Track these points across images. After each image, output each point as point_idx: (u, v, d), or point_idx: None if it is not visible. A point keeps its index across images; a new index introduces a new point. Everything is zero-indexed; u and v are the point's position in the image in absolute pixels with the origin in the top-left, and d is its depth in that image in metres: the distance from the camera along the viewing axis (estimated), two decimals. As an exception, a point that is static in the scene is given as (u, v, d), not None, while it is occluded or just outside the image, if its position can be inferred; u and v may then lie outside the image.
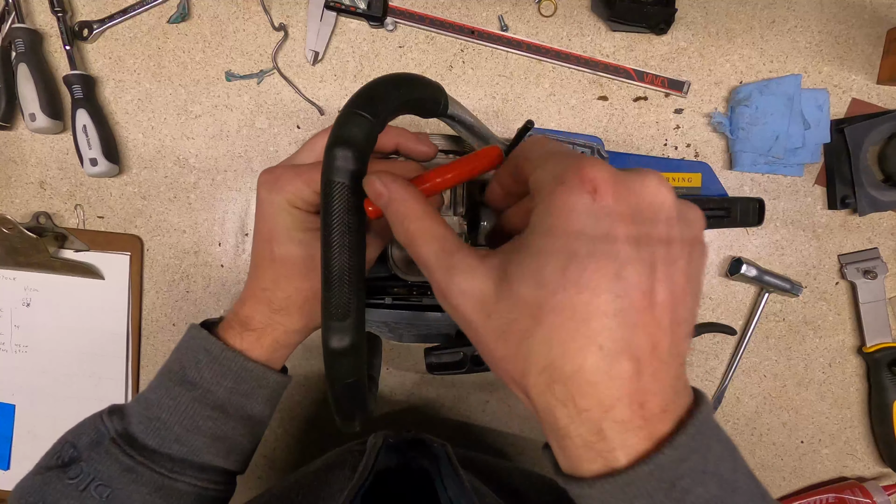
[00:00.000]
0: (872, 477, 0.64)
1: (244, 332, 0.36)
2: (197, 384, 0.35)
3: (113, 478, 0.34)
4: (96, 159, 0.56)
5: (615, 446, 0.21)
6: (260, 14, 0.58)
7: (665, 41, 0.58)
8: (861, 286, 0.60)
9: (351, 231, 0.27)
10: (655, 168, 0.64)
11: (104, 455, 0.35)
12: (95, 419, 0.37)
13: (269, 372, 0.37)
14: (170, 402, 0.35)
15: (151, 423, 0.35)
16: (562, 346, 0.21)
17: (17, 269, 0.61)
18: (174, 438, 0.35)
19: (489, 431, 0.64)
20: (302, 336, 0.38)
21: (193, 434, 0.35)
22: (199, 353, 0.36)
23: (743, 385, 0.63)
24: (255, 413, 0.38)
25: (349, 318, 0.27)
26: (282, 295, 0.35)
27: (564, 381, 0.21)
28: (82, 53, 0.58)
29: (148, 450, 0.35)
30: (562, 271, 0.20)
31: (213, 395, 0.36)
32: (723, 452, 0.23)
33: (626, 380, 0.21)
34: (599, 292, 0.20)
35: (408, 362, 0.63)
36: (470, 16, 0.58)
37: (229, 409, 0.36)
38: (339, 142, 0.27)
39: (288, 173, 0.34)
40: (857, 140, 0.57)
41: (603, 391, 0.21)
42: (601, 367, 0.20)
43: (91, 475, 0.34)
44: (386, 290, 0.45)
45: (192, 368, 0.36)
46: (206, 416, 0.35)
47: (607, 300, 0.20)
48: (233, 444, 0.37)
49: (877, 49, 0.58)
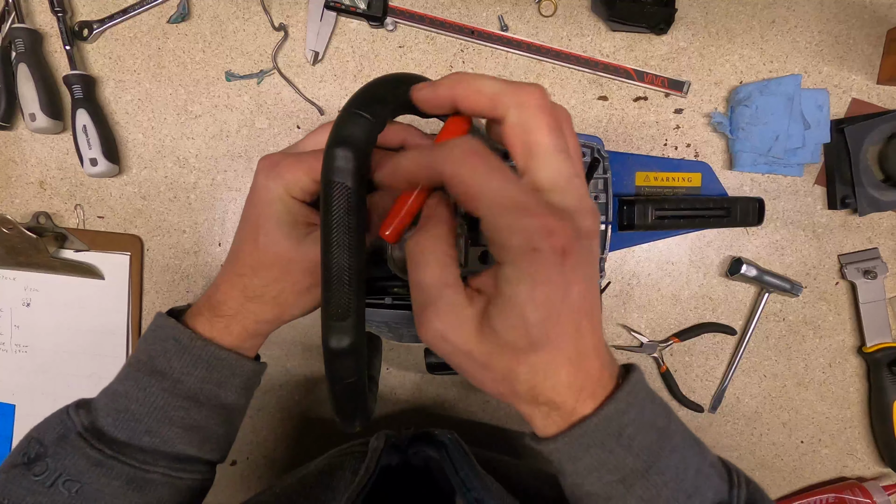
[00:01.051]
0: (872, 477, 0.64)
1: (213, 318, 0.36)
2: (167, 374, 0.35)
3: (82, 472, 0.33)
4: (96, 159, 0.56)
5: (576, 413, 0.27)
6: (260, 14, 0.58)
7: (665, 41, 0.58)
8: (861, 286, 0.60)
9: (351, 231, 0.27)
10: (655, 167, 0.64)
11: (71, 450, 0.34)
12: (61, 414, 0.36)
13: (243, 360, 0.36)
14: (139, 394, 0.35)
15: (120, 415, 0.35)
16: (543, 372, 0.25)
17: (17, 269, 0.61)
18: (145, 430, 0.34)
19: (489, 431, 0.64)
20: (272, 327, 0.37)
21: (165, 425, 0.35)
22: (167, 343, 0.35)
23: (743, 385, 0.63)
24: (230, 402, 0.37)
25: (349, 318, 0.27)
26: (259, 283, 0.34)
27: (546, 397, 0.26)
28: (82, 53, 0.58)
29: (118, 442, 0.34)
30: (543, 321, 0.24)
31: (184, 385, 0.35)
32: (656, 408, 0.28)
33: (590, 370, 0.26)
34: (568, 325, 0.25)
35: (408, 362, 0.63)
36: (470, 16, 0.58)
37: (202, 398, 0.35)
38: (339, 142, 0.27)
39: (288, 160, 0.33)
40: (857, 140, 0.57)
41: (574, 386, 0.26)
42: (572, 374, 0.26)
43: (58, 471, 0.33)
44: (386, 290, 0.44)
45: (160, 358, 0.35)
46: (178, 407, 0.35)
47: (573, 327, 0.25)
48: (207, 433, 0.36)
49: (877, 49, 0.58)
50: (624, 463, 0.26)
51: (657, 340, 0.62)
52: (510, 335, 0.25)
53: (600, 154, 0.47)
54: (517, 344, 0.25)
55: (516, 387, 0.26)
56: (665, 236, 0.60)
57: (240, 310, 0.35)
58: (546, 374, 0.25)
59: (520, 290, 0.24)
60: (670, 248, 0.61)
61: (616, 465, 0.26)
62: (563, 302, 0.24)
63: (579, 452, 0.26)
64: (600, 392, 0.27)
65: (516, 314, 0.24)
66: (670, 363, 0.62)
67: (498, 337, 0.25)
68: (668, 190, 0.59)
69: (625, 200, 0.56)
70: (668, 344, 0.61)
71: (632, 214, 0.55)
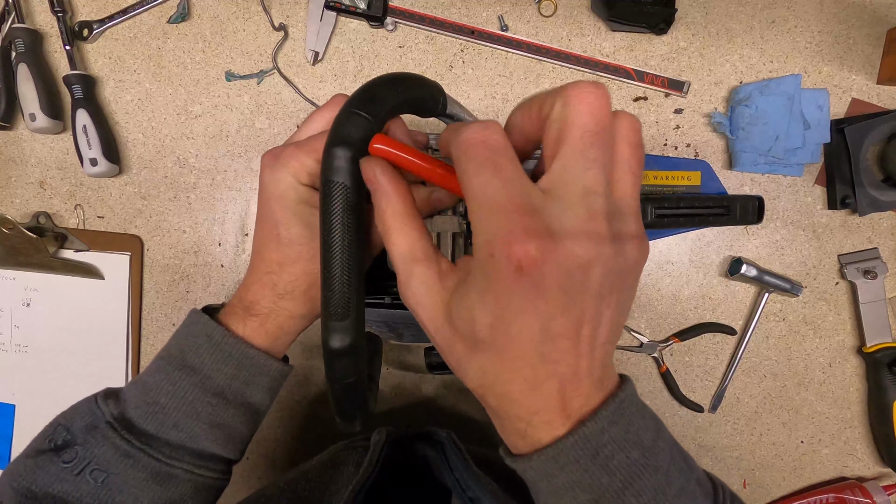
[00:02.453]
0: (872, 477, 0.64)
1: (247, 317, 0.36)
2: (197, 370, 0.35)
3: (110, 462, 0.33)
4: (96, 159, 0.56)
5: (541, 436, 0.25)
6: (260, 14, 0.58)
7: (665, 41, 0.58)
8: (861, 286, 0.60)
9: (350, 231, 0.27)
10: (654, 166, 0.64)
11: (101, 439, 0.34)
12: (90, 402, 0.36)
13: (271, 360, 0.36)
14: (169, 387, 0.35)
15: (150, 407, 0.35)
16: (492, 376, 0.24)
17: (17, 269, 0.61)
18: (172, 424, 0.34)
19: (488, 430, 0.64)
20: (307, 322, 0.37)
21: (192, 420, 0.35)
22: (199, 339, 0.35)
23: (743, 385, 0.63)
24: (255, 401, 0.37)
25: (349, 318, 0.27)
26: (288, 278, 0.35)
27: (495, 397, 0.25)
28: (82, 53, 0.58)
29: (146, 435, 0.34)
30: (490, 325, 0.23)
31: (213, 381, 0.35)
32: (645, 424, 0.26)
33: (549, 397, 0.24)
34: (523, 343, 0.23)
35: (408, 362, 0.63)
36: (470, 16, 0.58)
37: (229, 395, 0.36)
38: (338, 141, 0.27)
39: (289, 149, 0.33)
40: (857, 140, 0.57)
41: (527, 406, 0.24)
42: (524, 391, 0.24)
43: (87, 459, 0.33)
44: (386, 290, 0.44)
45: (192, 353, 0.35)
46: (206, 403, 0.35)
47: (531, 348, 0.23)
48: (231, 431, 0.37)
49: (877, 49, 0.58)
50: (599, 482, 0.25)
51: (657, 340, 0.61)
52: (462, 326, 0.24)
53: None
54: (467, 337, 0.24)
55: (467, 382, 0.26)
56: (665, 235, 0.60)
57: (273, 308, 0.36)
58: (495, 379, 0.24)
59: (476, 286, 0.23)
60: (670, 247, 0.61)
61: (591, 484, 0.25)
62: (516, 318, 0.23)
63: (553, 470, 0.25)
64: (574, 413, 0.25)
65: (468, 307, 0.24)
66: (670, 363, 0.62)
67: (454, 322, 0.25)
68: (668, 188, 0.59)
69: (625, 200, 0.56)
70: (668, 344, 0.61)
71: (632, 214, 0.55)
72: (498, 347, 0.24)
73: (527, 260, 0.21)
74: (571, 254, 0.22)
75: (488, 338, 0.24)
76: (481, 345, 0.24)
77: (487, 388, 0.25)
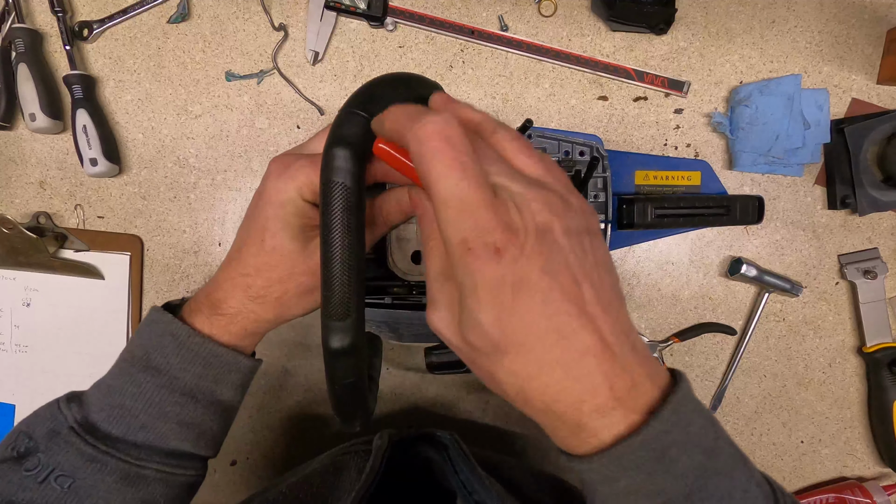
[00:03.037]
0: (872, 477, 0.64)
1: (213, 315, 0.35)
2: (163, 370, 0.34)
3: (75, 468, 0.33)
4: (96, 159, 0.56)
5: (598, 429, 0.24)
6: (260, 14, 0.58)
7: (665, 41, 0.58)
8: (861, 286, 0.60)
9: (350, 231, 0.27)
10: (654, 166, 0.64)
11: (63, 445, 0.33)
12: (52, 407, 0.35)
13: (240, 357, 0.36)
14: (133, 389, 0.34)
15: (114, 410, 0.34)
16: (524, 374, 0.24)
17: (17, 269, 0.61)
18: (139, 426, 0.34)
19: (489, 431, 0.64)
20: (271, 326, 0.37)
21: (160, 421, 0.34)
22: (164, 338, 0.35)
23: (743, 385, 0.63)
24: (225, 398, 0.37)
25: (349, 318, 0.27)
26: (262, 283, 0.34)
27: (537, 397, 0.24)
28: (82, 53, 0.58)
29: (111, 438, 0.34)
30: (497, 322, 0.23)
31: (181, 381, 0.35)
32: (704, 424, 0.26)
33: (588, 375, 0.23)
34: (535, 325, 0.23)
35: (408, 362, 0.63)
36: (470, 16, 0.58)
37: (198, 395, 0.35)
38: (338, 141, 0.27)
39: (301, 161, 0.33)
40: (857, 140, 0.57)
41: (571, 394, 0.24)
42: (562, 379, 0.23)
43: (50, 466, 0.33)
44: (386, 290, 0.44)
45: (157, 354, 0.35)
46: (174, 403, 0.34)
47: (545, 327, 0.23)
48: (202, 429, 0.36)
49: (877, 49, 0.58)
50: (664, 488, 0.24)
51: (657, 340, 0.61)
52: (474, 339, 0.24)
53: (599, 153, 0.47)
54: (483, 348, 0.24)
55: (508, 396, 0.25)
56: (665, 235, 0.60)
57: (241, 309, 0.35)
58: (528, 377, 0.24)
59: (467, 289, 0.23)
60: (670, 247, 0.61)
61: (656, 489, 0.24)
62: (516, 302, 0.22)
63: (616, 474, 0.24)
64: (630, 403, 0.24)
65: (471, 315, 0.24)
66: (670, 363, 0.62)
67: (466, 338, 0.24)
68: (668, 188, 0.59)
69: (624, 199, 0.56)
70: (668, 344, 0.61)
71: (631, 213, 0.55)
72: (516, 341, 0.23)
73: (502, 241, 0.22)
74: (532, 221, 0.23)
75: (501, 335, 0.23)
76: (500, 347, 0.23)
77: (527, 391, 0.24)
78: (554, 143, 0.47)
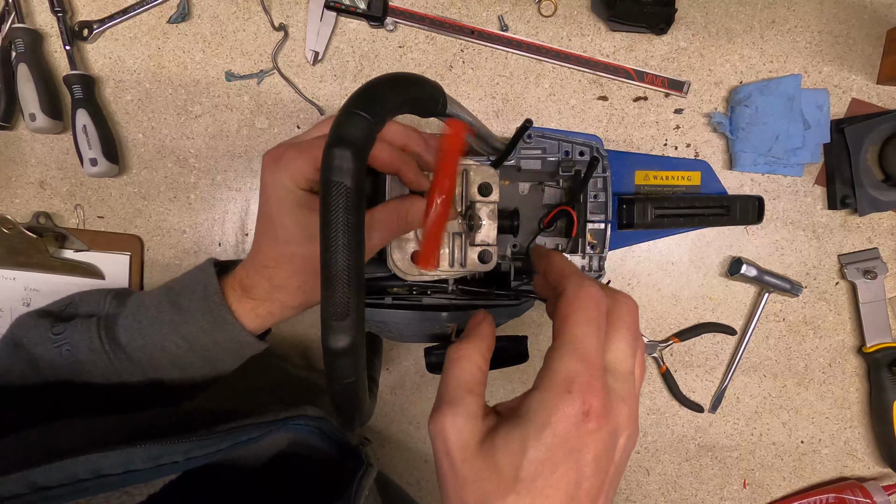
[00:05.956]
0: (872, 477, 0.64)
1: (244, 297, 0.38)
2: (182, 311, 0.38)
3: (80, 350, 0.38)
4: (96, 159, 0.56)
5: None
6: (260, 14, 0.58)
7: (665, 41, 0.58)
8: (861, 286, 0.60)
9: (350, 231, 0.27)
10: (654, 166, 0.64)
11: (84, 329, 0.38)
12: (103, 295, 0.41)
13: (245, 333, 0.39)
14: (155, 314, 0.39)
15: (132, 322, 0.39)
16: None
17: (17, 269, 0.61)
18: (141, 345, 0.38)
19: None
20: (298, 311, 0.39)
21: (157, 351, 0.38)
22: (197, 286, 0.39)
23: (743, 385, 0.63)
24: (218, 360, 0.40)
25: (349, 318, 0.27)
26: (283, 274, 0.36)
27: None
28: (82, 53, 0.58)
29: (118, 344, 0.38)
30: (538, 463, 0.24)
31: (188, 326, 0.38)
32: None
33: None
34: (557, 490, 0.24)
35: (408, 362, 0.63)
36: (470, 16, 0.58)
37: (196, 345, 0.38)
38: (338, 142, 0.27)
39: (290, 152, 0.34)
40: (857, 140, 0.57)
41: None
42: None
43: (66, 339, 0.38)
44: (386, 290, 0.44)
45: (186, 294, 0.39)
46: (174, 342, 0.38)
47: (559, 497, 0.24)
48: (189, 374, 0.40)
49: (877, 49, 0.58)
50: None
51: (657, 340, 0.61)
52: (504, 458, 0.25)
53: (599, 153, 0.47)
54: (505, 472, 0.25)
55: None
56: (665, 235, 0.60)
57: (267, 297, 0.38)
58: None
59: (536, 419, 0.25)
60: (670, 247, 0.61)
61: None
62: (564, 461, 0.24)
63: None
64: None
65: (520, 439, 0.25)
66: (670, 363, 0.62)
67: (493, 456, 0.25)
68: (668, 188, 0.59)
69: (624, 199, 0.56)
70: (668, 344, 0.61)
71: (631, 213, 0.55)
72: (537, 489, 0.24)
73: (595, 410, 0.25)
74: (616, 421, 0.26)
75: (530, 476, 0.24)
76: (520, 484, 0.24)
77: None
78: (554, 143, 0.47)
